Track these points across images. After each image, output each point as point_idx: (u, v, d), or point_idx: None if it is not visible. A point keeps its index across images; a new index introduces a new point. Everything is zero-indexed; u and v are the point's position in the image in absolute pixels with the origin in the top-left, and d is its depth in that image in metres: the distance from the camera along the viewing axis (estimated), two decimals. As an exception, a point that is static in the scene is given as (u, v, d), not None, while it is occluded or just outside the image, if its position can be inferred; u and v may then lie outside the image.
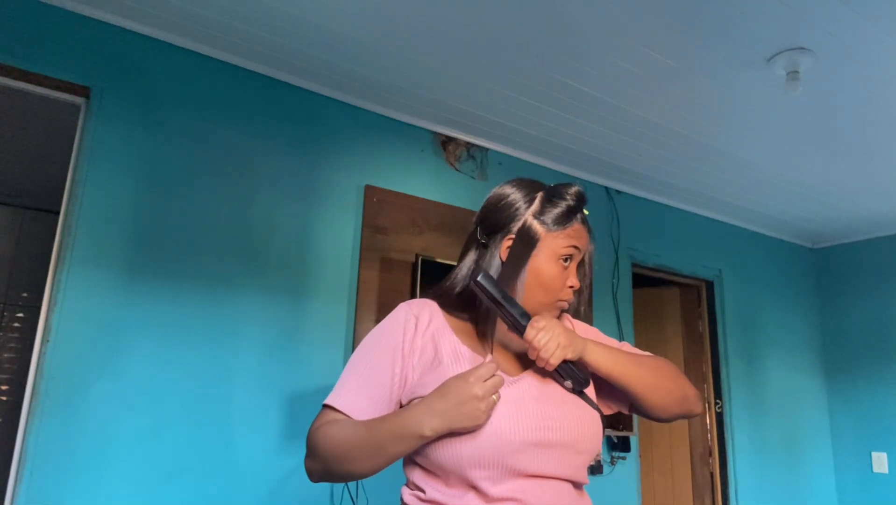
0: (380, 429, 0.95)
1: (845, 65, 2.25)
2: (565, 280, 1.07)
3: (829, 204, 3.71)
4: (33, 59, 2.02)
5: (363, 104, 2.67)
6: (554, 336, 0.97)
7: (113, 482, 1.93)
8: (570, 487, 1.01)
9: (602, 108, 2.65)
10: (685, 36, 2.13)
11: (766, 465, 3.80)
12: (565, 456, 0.98)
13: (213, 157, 2.29)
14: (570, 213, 1.06)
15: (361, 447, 0.95)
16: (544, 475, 0.97)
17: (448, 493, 0.96)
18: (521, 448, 0.94)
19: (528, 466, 0.95)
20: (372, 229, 2.55)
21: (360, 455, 0.95)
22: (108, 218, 2.06)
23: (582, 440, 1.00)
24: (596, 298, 3.23)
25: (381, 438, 0.94)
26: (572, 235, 1.06)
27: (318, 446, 0.99)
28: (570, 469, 1.00)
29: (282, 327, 2.30)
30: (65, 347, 1.92)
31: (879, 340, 4.07)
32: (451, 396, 0.92)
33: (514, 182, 1.11)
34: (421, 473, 1.00)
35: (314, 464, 1.01)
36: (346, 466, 0.97)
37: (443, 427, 0.91)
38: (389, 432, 0.94)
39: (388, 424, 0.95)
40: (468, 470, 0.94)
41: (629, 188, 3.53)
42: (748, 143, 2.94)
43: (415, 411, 0.93)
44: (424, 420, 0.92)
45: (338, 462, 0.97)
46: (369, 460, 0.95)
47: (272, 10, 2.07)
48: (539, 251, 1.05)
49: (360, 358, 1.06)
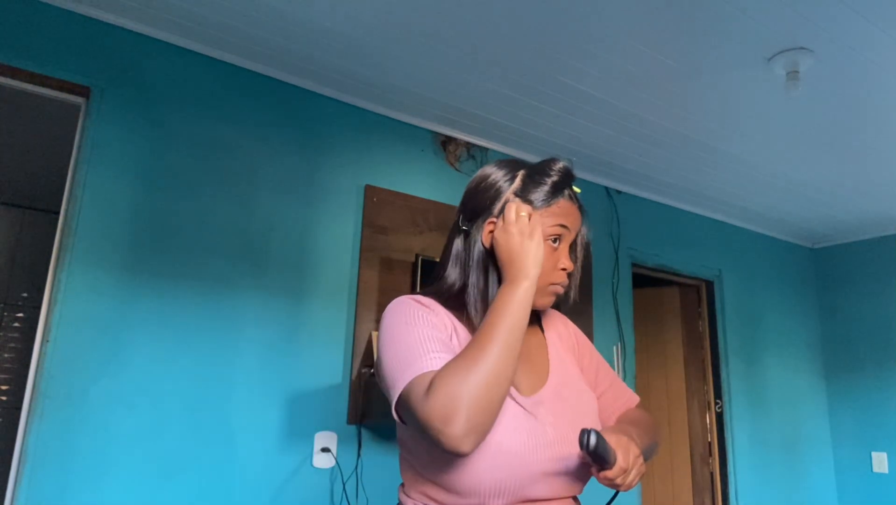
0: (495, 324, 0.88)
1: (845, 65, 2.25)
2: (556, 262, 1.00)
3: (829, 204, 3.71)
4: (33, 59, 2.02)
5: (363, 104, 2.67)
6: (639, 471, 0.92)
7: (113, 482, 1.93)
8: (571, 503, 1.01)
9: (602, 108, 2.65)
10: (685, 36, 2.13)
11: (766, 464, 3.80)
12: (572, 480, 0.97)
13: (213, 156, 2.29)
14: (554, 190, 0.99)
15: (491, 352, 0.85)
16: (551, 498, 0.96)
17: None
18: (539, 478, 0.93)
19: (538, 493, 0.94)
20: (372, 229, 2.55)
21: (498, 362, 0.84)
22: (108, 218, 2.06)
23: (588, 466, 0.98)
24: (596, 298, 3.23)
25: (502, 329, 0.87)
26: (559, 213, 0.99)
27: (450, 395, 0.81)
28: (574, 490, 0.99)
29: (282, 327, 2.30)
30: (65, 347, 1.92)
31: (879, 340, 4.07)
32: (522, 254, 0.94)
33: (495, 162, 1.06)
34: (424, 489, 0.96)
35: (456, 425, 0.80)
36: (497, 387, 0.83)
37: (532, 284, 0.92)
38: (505, 318, 0.88)
39: (494, 312, 0.90)
40: (484, 497, 0.91)
41: (629, 188, 3.53)
42: (748, 143, 2.94)
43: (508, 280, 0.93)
44: (518, 280, 0.92)
45: (488, 388, 0.82)
46: (507, 361, 0.85)
47: (272, 10, 2.07)
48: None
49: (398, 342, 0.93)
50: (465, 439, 0.81)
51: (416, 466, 0.98)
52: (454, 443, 0.81)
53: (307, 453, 2.29)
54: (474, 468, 0.89)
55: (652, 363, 3.99)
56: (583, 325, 3.12)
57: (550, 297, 1.03)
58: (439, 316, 0.98)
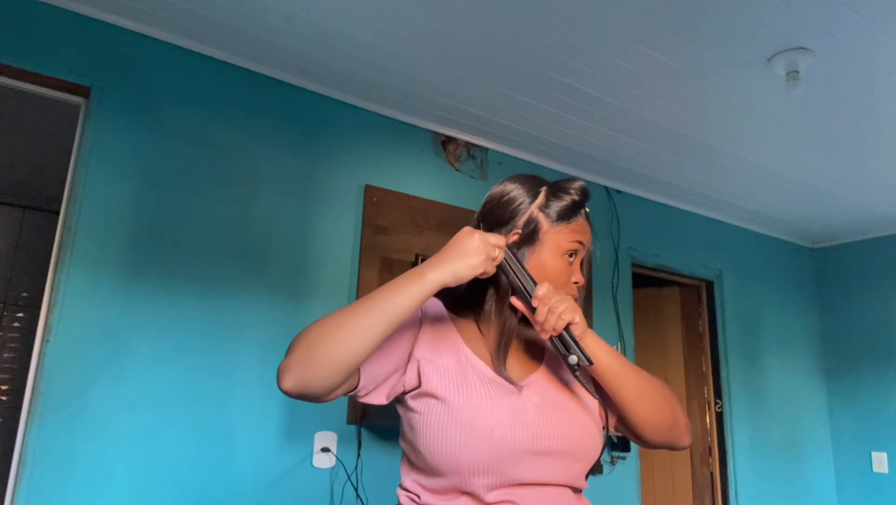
0: (380, 288, 0.92)
1: (845, 65, 2.25)
2: (570, 276, 1.04)
3: (829, 204, 3.71)
4: (33, 59, 2.02)
5: (363, 104, 2.67)
6: (563, 297, 0.95)
7: (113, 482, 1.93)
8: (569, 493, 0.99)
9: (602, 108, 2.65)
10: (685, 36, 2.13)
11: (766, 465, 3.80)
12: (564, 463, 0.97)
13: (213, 157, 2.29)
14: (575, 208, 1.04)
15: (355, 308, 0.89)
16: (542, 483, 0.95)
17: (442, 498, 0.95)
18: (521, 456, 0.93)
19: (526, 475, 0.94)
20: (372, 229, 2.55)
21: (353, 317, 0.88)
22: (108, 218, 2.06)
23: (583, 448, 0.98)
24: (596, 298, 3.23)
25: (380, 290, 0.91)
26: (577, 230, 1.04)
27: (304, 330, 0.90)
28: (569, 476, 0.98)
29: (282, 327, 2.30)
30: (65, 347, 1.92)
31: (879, 340, 4.07)
32: (451, 246, 0.93)
33: (515, 178, 1.09)
34: (416, 477, 0.99)
35: (290, 357, 0.88)
36: (333, 333, 0.87)
37: (445, 269, 0.91)
38: (390, 284, 0.91)
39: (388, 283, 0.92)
40: (466, 476, 0.92)
41: (629, 188, 3.53)
42: (748, 143, 2.94)
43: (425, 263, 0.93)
44: (426, 266, 0.92)
45: (326, 331, 0.88)
46: (362, 322, 0.87)
47: (272, 10, 2.07)
48: (544, 246, 1.02)
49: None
50: (284, 374, 0.87)
51: (407, 454, 1.02)
52: (279, 377, 0.87)
53: (307, 453, 2.29)
54: (450, 446, 0.92)
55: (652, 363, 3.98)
56: (583, 325, 3.12)
57: None
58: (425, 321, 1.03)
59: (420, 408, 0.97)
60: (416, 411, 0.97)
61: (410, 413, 0.99)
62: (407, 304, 0.89)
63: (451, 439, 0.92)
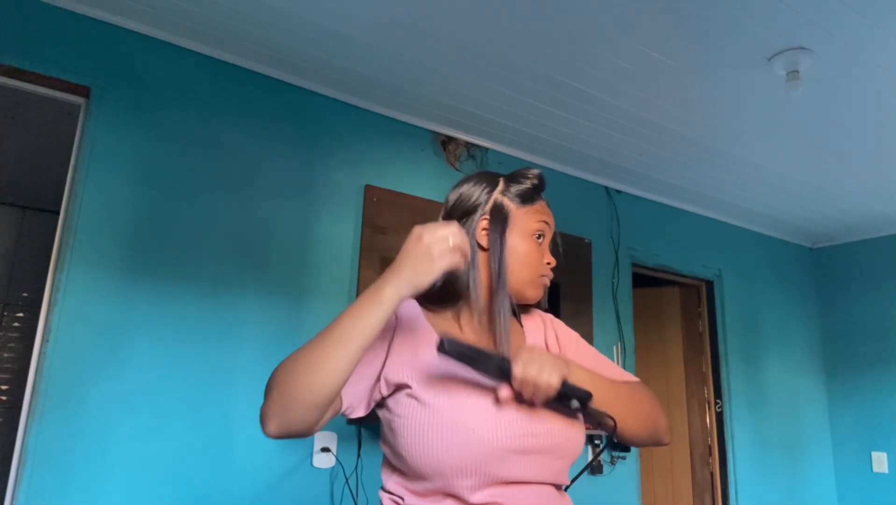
0: (341, 315, 0.89)
1: (845, 65, 2.25)
2: (541, 256, 1.08)
3: (829, 204, 3.71)
4: (33, 59, 2.02)
5: (363, 104, 2.67)
6: (542, 361, 0.91)
7: (113, 482, 1.93)
8: (552, 490, 1.00)
9: (602, 108, 2.65)
10: (685, 36, 2.13)
11: (767, 464, 3.80)
12: (547, 461, 0.97)
13: (213, 156, 2.29)
14: (535, 190, 1.09)
15: (320, 343, 0.87)
16: (526, 481, 0.95)
17: (426, 500, 0.95)
18: (504, 455, 0.92)
19: (509, 474, 0.93)
20: (372, 229, 2.55)
21: (318, 354, 0.86)
22: (108, 218, 2.06)
23: (565, 445, 0.98)
24: (596, 298, 3.23)
25: (340, 320, 0.88)
26: (541, 211, 1.08)
27: (274, 372, 0.90)
28: (552, 474, 0.98)
29: (282, 327, 2.30)
30: (65, 347, 1.92)
31: (879, 340, 4.07)
32: (402, 255, 0.91)
33: (470, 176, 1.14)
34: (398, 479, 0.98)
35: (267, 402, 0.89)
36: (302, 375, 0.86)
37: (401, 282, 0.88)
38: (350, 310, 0.88)
39: (349, 307, 0.89)
40: (449, 478, 0.91)
41: (629, 188, 3.53)
42: (748, 143, 2.94)
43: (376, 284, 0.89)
44: (382, 282, 0.88)
45: (295, 373, 0.87)
46: (328, 358, 0.86)
47: (272, 10, 2.07)
48: (512, 230, 1.05)
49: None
50: (265, 421, 0.88)
51: (388, 457, 1.02)
52: (261, 423, 0.89)
53: (307, 453, 2.29)
54: (432, 448, 0.91)
55: (652, 363, 3.98)
56: (583, 325, 3.12)
57: (540, 288, 1.09)
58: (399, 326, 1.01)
59: (400, 411, 0.96)
60: (397, 414, 0.96)
61: (390, 416, 0.98)
62: (369, 329, 0.86)
63: (432, 441, 0.91)
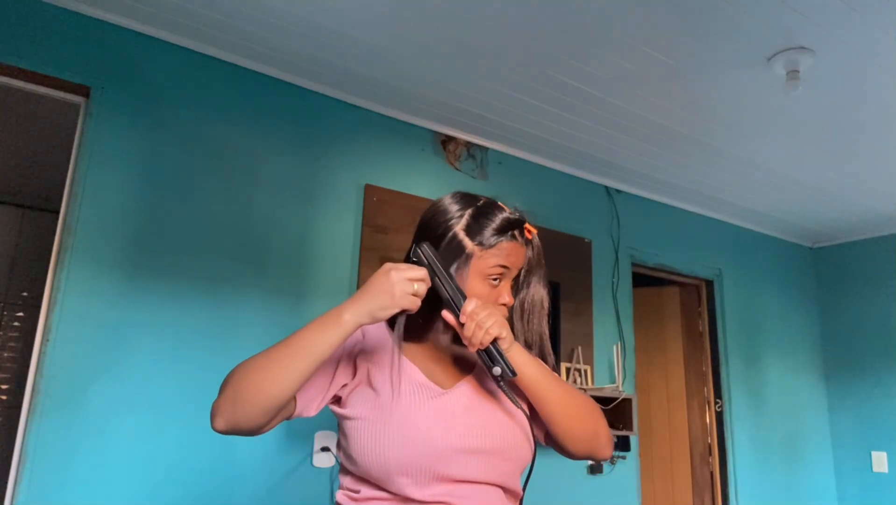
0: (302, 329, 0.94)
1: (845, 65, 2.25)
2: (496, 298, 1.04)
3: (829, 204, 3.71)
4: (33, 58, 2.02)
5: (363, 104, 2.67)
6: (492, 312, 0.96)
7: (113, 482, 1.93)
8: (500, 493, 1.01)
9: (602, 108, 2.65)
10: (685, 35, 2.13)
11: (766, 464, 3.80)
12: (493, 462, 0.99)
13: (213, 156, 2.28)
14: (499, 232, 1.03)
15: (278, 351, 0.93)
16: (472, 480, 0.98)
17: (379, 494, 0.98)
18: (449, 454, 0.95)
19: (455, 472, 0.96)
20: (372, 229, 2.55)
21: (275, 362, 0.92)
22: (108, 218, 2.06)
23: (510, 448, 1.00)
24: (596, 298, 3.23)
25: (300, 333, 0.93)
26: (499, 255, 1.02)
27: (232, 371, 0.97)
28: (499, 475, 1.00)
29: (282, 327, 2.30)
30: (65, 347, 1.92)
31: (879, 340, 4.07)
32: (368, 285, 0.93)
33: (451, 195, 1.12)
34: (353, 478, 1.02)
35: (220, 398, 0.95)
36: (258, 377, 0.92)
37: (361, 310, 0.92)
38: (312, 325, 0.93)
39: (311, 322, 0.94)
40: (395, 477, 0.94)
41: (629, 188, 3.53)
42: (748, 143, 2.94)
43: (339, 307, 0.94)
44: (344, 307, 0.92)
45: (251, 374, 0.93)
46: (283, 367, 0.91)
47: (272, 10, 2.07)
48: (468, 269, 1.02)
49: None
50: (214, 416, 0.94)
51: (343, 462, 1.04)
52: (211, 417, 0.95)
53: (307, 453, 2.29)
54: (380, 446, 0.94)
55: (652, 363, 3.98)
56: (583, 324, 3.13)
57: None
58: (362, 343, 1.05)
59: (353, 413, 0.99)
60: (348, 417, 1.00)
61: (343, 421, 1.02)
62: (325, 346, 0.91)
63: (380, 440, 0.95)
